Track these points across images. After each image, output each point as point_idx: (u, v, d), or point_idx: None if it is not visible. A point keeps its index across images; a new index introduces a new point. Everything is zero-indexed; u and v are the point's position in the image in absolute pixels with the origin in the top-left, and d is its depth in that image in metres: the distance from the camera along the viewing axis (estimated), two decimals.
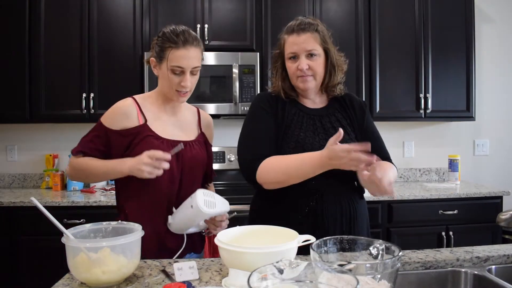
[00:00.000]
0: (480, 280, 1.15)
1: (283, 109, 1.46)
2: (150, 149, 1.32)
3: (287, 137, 1.41)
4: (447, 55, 3.04)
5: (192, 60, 1.38)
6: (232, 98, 2.79)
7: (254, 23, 2.89)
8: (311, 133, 1.42)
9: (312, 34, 1.40)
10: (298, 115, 1.45)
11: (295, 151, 1.37)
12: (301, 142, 1.39)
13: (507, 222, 1.23)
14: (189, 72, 1.39)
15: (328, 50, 1.43)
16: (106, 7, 2.82)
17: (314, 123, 1.45)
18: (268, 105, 1.47)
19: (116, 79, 2.80)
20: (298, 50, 1.40)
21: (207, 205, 1.31)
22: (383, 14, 2.99)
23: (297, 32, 1.40)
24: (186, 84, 1.39)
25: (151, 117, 1.45)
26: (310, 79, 1.42)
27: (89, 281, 1.05)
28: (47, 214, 1.03)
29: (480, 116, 3.37)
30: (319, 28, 1.42)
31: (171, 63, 1.38)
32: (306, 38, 1.39)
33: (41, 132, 3.15)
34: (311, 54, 1.40)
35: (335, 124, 1.45)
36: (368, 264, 0.79)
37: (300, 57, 1.40)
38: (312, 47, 1.39)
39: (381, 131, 1.58)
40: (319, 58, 1.41)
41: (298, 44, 1.39)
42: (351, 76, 2.96)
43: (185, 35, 1.38)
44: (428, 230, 2.73)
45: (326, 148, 1.24)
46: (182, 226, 1.40)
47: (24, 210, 2.48)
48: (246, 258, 0.98)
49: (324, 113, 1.48)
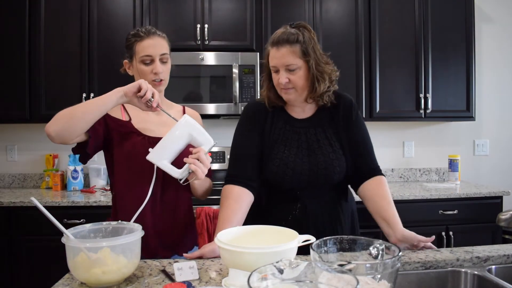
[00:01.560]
0: (480, 280, 1.15)
1: (271, 122, 1.48)
2: (133, 146, 1.39)
3: (273, 154, 1.45)
4: (447, 55, 3.04)
5: (158, 47, 1.44)
6: (232, 98, 2.79)
7: (254, 23, 2.89)
8: (295, 150, 1.44)
9: (291, 47, 1.36)
10: (284, 130, 1.48)
11: (279, 169, 1.42)
12: (285, 160, 1.42)
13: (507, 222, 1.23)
14: (159, 59, 1.44)
15: (308, 62, 1.39)
16: (106, 7, 2.82)
17: (299, 138, 1.47)
18: (256, 118, 1.50)
19: (116, 79, 2.76)
20: (277, 64, 1.39)
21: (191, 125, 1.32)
22: (383, 14, 2.99)
23: (277, 46, 1.38)
24: (158, 69, 1.43)
25: (134, 116, 1.49)
26: (291, 91, 1.42)
27: (89, 281, 1.04)
28: (47, 214, 1.03)
29: (480, 116, 3.38)
30: (300, 38, 1.37)
31: (139, 54, 1.44)
32: (284, 52, 1.37)
33: (41, 132, 3.12)
34: (289, 69, 1.38)
35: (319, 137, 1.47)
36: (368, 264, 0.79)
37: (280, 71, 1.39)
38: (290, 62, 1.37)
39: (381, 131, 1.59)
40: (299, 71, 1.39)
41: (277, 58, 1.38)
42: (351, 76, 2.97)
43: (147, 29, 1.46)
44: (428, 230, 2.72)
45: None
46: (161, 151, 1.32)
47: (24, 210, 2.48)
48: (246, 258, 0.98)
49: (311, 125, 1.49)
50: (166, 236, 1.47)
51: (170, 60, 1.51)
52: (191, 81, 2.81)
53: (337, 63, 1.50)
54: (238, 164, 1.47)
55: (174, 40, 1.60)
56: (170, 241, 1.48)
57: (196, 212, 2.35)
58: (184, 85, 2.78)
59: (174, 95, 1.61)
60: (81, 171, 2.93)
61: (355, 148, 1.48)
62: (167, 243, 1.47)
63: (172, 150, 1.34)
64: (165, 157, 1.34)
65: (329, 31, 2.94)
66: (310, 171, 1.42)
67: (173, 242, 1.49)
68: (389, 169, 3.37)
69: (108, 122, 1.44)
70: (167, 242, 1.47)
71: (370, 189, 1.45)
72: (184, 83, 2.77)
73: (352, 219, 1.56)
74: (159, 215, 1.45)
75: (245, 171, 1.44)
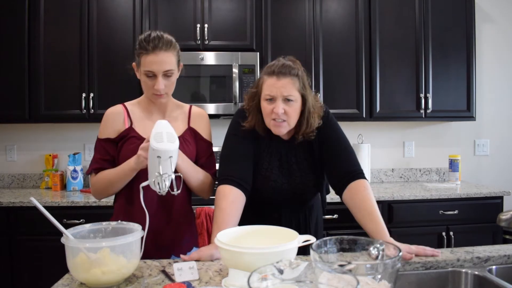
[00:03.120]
0: (481, 281, 1.15)
1: (258, 134, 1.49)
2: (133, 149, 1.41)
3: (258, 169, 1.49)
4: (447, 55, 3.04)
5: (161, 64, 1.42)
6: (232, 98, 2.78)
7: (254, 23, 2.89)
8: (276, 170, 1.50)
9: (292, 79, 1.38)
10: (269, 146, 1.51)
11: (261, 185, 1.49)
12: (266, 178, 1.49)
13: (508, 223, 1.23)
14: (162, 75, 1.43)
15: (305, 96, 1.41)
16: (106, 7, 2.82)
17: (281, 157, 1.51)
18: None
19: (115, 79, 2.80)
20: (276, 93, 1.38)
21: (156, 139, 1.29)
22: (383, 14, 2.99)
23: (277, 76, 1.38)
24: (158, 87, 1.43)
25: (136, 120, 1.52)
26: (284, 124, 1.41)
27: (89, 281, 1.04)
28: (46, 214, 1.03)
29: (480, 116, 3.37)
30: (300, 73, 1.40)
31: (143, 68, 1.44)
32: (285, 83, 1.37)
33: (40, 132, 3.14)
34: (288, 99, 1.38)
35: (299, 159, 1.51)
36: (368, 264, 0.78)
37: (277, 100, 1.38)
38: (290, 93, 1.37)
39: (381, 131, 1.59)
40: (295, 104, 1.40)
41: (277, 88, 1.37)
42: (351, 76, 2.96)
43: (155, 41, 1.42)
44: (429, 230, 2.72)
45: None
46: (149, 175, 1.35)
47: (24, 210, 2.48)
48: (246, 258, 0.98)
49: (292, 146, 1.51)
50: (161, 236, 1.47)
51: (176, 71, 1.49)
52: (191, 81, 2.81)
53: (337, 63, 1.50)
54: (233, 164, 1.46)
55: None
56: (166, 242, 1.48)
57: (196, 212, 2.35)
58: (184, 85, 2.77)
59: (174, 95, 1.61)
60: (81, 171, 2.93)
61: (330, 155, 1.48)
62: (163, 243, 1.47)
63: (155, 169, 1.33)
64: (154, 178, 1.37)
65: (329, 31, 2.94)
66: (288, 189, 1.50)
67: (169, 243, 1.49)
68: (389, 169, 3.36)
69: (116, 139, 1.50)
70: (163, 243, 1.48)
71: (346, 198, 1.42)
72: (184, 83, 2.77)
73: (316, 223, 1.64)
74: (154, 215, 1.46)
75: (239, 172, 1.44)
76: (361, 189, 1.39)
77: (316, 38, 2.92)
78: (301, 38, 2.91)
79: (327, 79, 2.94)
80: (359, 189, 1.40)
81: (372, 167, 3.27)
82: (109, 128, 1.50)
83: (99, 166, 1.50)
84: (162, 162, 1.28)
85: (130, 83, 2.77)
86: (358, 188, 1.40)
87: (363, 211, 1.35)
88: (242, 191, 1.41)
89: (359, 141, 3.12)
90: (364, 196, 1.38)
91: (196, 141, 1.57)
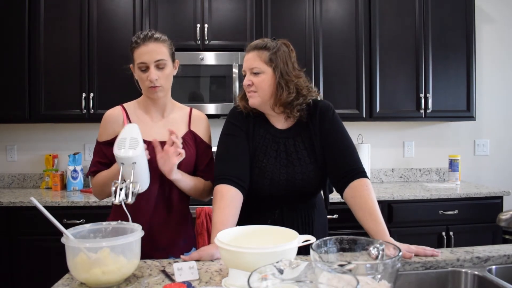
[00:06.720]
0: (481, 281, 1.15)
1: (253, 128, 1.51)
2: None
3: (253, 163, 1.49)
4: (447, 55, 3.04)
5: (152, 53, 1.44)
6: (232, 98, 2.78)
7: (254, 23, 2.89)
8: (273, 160, 1.48)
9: (258, 53, 1.45)
10: (264, 138, 1.50)
11: (258, 177, 1.47)
12: (263, 169, 1.47)
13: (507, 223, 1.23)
14: (154, 66, 1.44)
15: (275, 67, 1.44)
16: (106, 7, 2.82)
17: (278, 147, 1.49)
18: (240, 123, 1.52)
19: (116, 79, 2.80)
20: (245, 67, 1.48)
21: (118, 145, 1.30)
22: (383, 14, 2.99)
23: (247, 51, 1.48)
24: (151, 77, 1.43)
25: (135, 120, 1.51)
26: (254, 95, 1.46)
27: (89, 281, 1.04)
28: (46, 214, 1.03)
29: (480, 116, 3.37)
30: (270, 46, 1.45)
31: (136, 61, 1.46)
32: (250, 56, 1.46)
33: (40, 132, 3.14)
34: (254, 72, 1.45)
35: (298, 148, 1.49)
36: (368, 264, 0.79)
37: (247, 74, 1.47)
38: (254, 65, 1.44)
39: (381, 131, 1.59)
40: (262, 75, 1.44)
41: (245, 62, 1.48)
42: (351, 76, 2.96)
43: (145, 34, 1.46)
44: (428, 230, 2.72)
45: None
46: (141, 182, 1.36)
47: (24, 210, 2.48)
48: (246, 258, 0.98)
49: (290, 135, 1.51)
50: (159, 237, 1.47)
51: (170, 64, 1.49)
52: (191, 81, 2.81)
53: (337, 63, 1.51)
54: (229, 163, 1.45)
55: (174, 40, 1.59)
56: (163, 243, 1.48)
57: (196, 212, 2.35)
58: (184, 85, 2.78)
59: (174, 95, 1.61)
60: (81, 171, 2.93)
61: (333, 152, 1.47)
62: (160, 245, 1.47)
63: (138, 175, 1.34)
64: (146, 182, 1.40)
65: (329, 31, 2.94)
66: (287, 181, 1.46)
67: (166, 244, 1.49)
68: (389, 169, 3.37)
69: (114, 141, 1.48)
70: (160, 244, 1.48)
71: (347, 196, 1.41)
72: (184, 83, 2.77)
73: (324, 224, 1.64)
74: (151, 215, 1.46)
75: (235, 170, 1.43)
76: (363, 188, 1.39)
77: (316, 38, 2.92)
78: (301, 38, 2.91)
79: (327, 79, 2.94)
80: (361, 188, 1.39)
81: (372, 167, 3.27)
82: (107, 131, 1.51)
83: (96, 169, 1.51)
84: (125, 168, 1.29)
85: (130, 83, 2.76)
86: (359, 186, 1.40)
87: (364, 210, 1.35)
88: (239, 189, 1.40)
89: (359, 141, 3.12)
90: (366, 195, 1.37)
91: (196, 144, 1.56)
